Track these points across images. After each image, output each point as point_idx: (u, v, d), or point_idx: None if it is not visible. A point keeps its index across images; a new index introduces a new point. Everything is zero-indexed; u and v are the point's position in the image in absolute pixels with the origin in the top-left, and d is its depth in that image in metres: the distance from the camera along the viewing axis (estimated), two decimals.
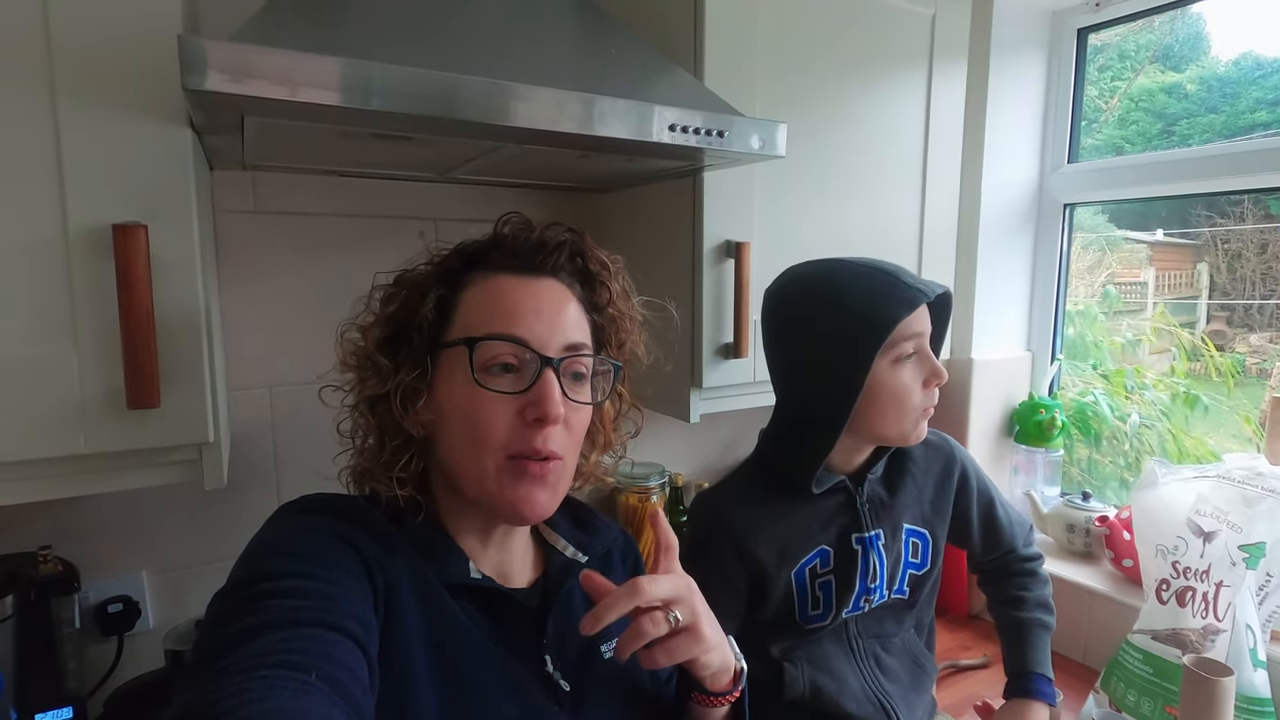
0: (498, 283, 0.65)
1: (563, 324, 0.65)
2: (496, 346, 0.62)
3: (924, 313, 0.87)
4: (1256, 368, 1.49)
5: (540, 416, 0.61)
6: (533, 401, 0.61)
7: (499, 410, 0.61)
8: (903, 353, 0.86)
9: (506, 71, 0.71)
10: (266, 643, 0.47)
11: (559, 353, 0.64)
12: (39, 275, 0.66)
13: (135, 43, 0.67)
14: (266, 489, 1.12)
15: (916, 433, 0.90)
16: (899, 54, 1.23)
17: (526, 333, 0.62)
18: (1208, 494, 1.14)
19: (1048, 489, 1.57)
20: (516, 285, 0.65)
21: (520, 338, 0.62)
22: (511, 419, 0.62)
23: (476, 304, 0.64)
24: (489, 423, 0.61)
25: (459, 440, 0.63)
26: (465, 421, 0.62)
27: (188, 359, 0.72)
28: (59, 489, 0.71)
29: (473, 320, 0.64)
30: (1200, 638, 1.07)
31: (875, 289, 0.85)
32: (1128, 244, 1.68)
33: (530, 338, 0.62)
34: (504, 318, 0.63)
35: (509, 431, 0.61)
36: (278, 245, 1.10)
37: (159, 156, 0.69)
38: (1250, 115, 1.41)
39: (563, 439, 0.63)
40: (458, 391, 0.62)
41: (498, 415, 0.61)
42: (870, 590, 0.94)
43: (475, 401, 0.61)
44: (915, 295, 0.84)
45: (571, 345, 0.65)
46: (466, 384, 0.61)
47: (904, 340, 0.85)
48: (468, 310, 0.64)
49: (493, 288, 0.65)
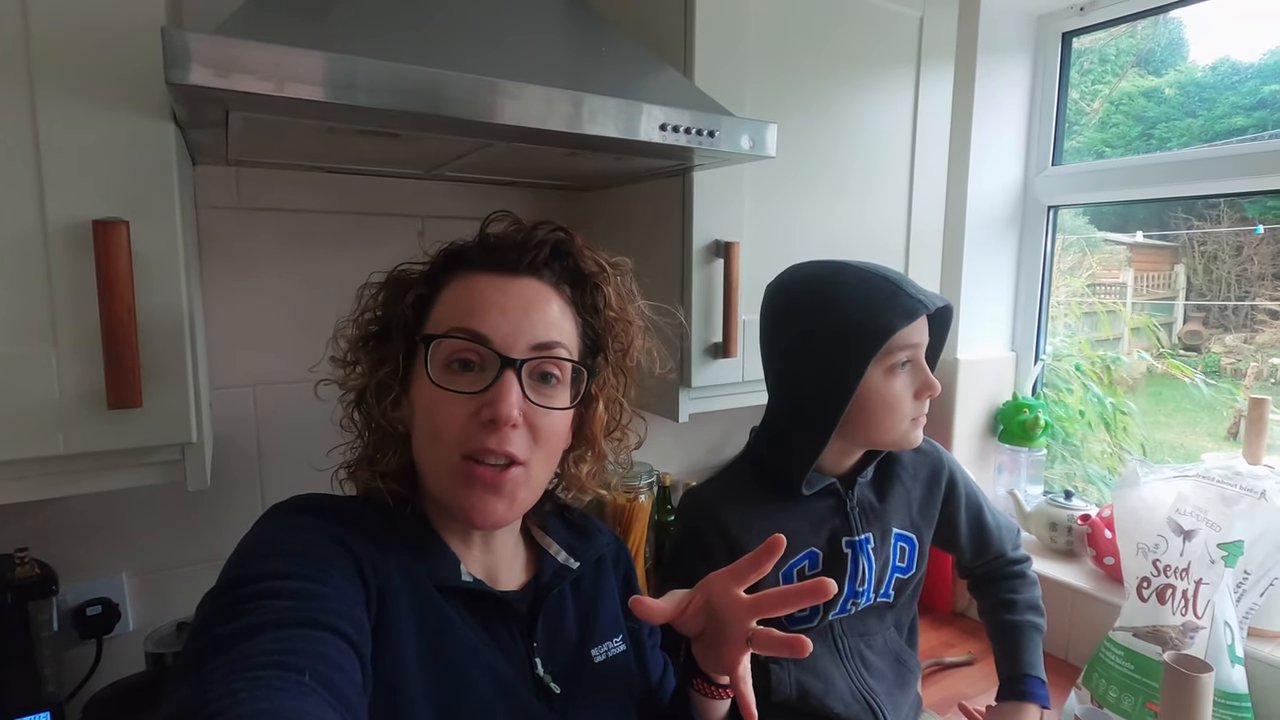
0: (473, 281, 0.64)
1: (532, 323, 0.62)
2: (454, 344, 0.61)
3: (922, 324, 0.87)
4: (1231, 368, 1.52)
5: (492, 418, 0.59)
6: (488, 402, 0.60)
7: (456, 410, 0.60)
8: (897, 361, 0.86)
9: (495, 68, 0.71)
10: (259, 643, 0.46)
11: (525, 353, 0.62)
12: (17, 272, 0.64)
13: (117, 35, 0.65)
14: (250, 489, 1.11)
15: (910, 439, 0.90)
16: (887, 56, 1.24)
17: (490, 330, 0.61)
18: (1188, 493, 1.16)
19: (1031, 488, 1.59)
20: (489, 283, 0.64)
21: (480, 334, 0.61)
22: (467, 419, 0.60)
23: (449, 302, 0.64)
24: (446, 422, 0.60)
25: (423, 439, 0.63)
26: (427, 419, 0.62)
27: (170, 357, 0.71)
28: (37, 490, 0.69)
29: (441, 318, 0.63)
30: (1180, 635, 1.09)
31: (876, 296, 0.84)
32: (1108, 245, 1.71)
33: (493, 336, 0.61)
34: (467, 314, 0.62)
35: (463, 431, 0.60)
36: (262, 242, 1.09)
37: (141, 151, 0.68)
38: (1227, 120, 1.44)
39: (524, 443, 0.61)
40: (423, 390, 0.62)
41: (454, 415, 0.60)
42: (858, 594, 0.94)
43: (434, 400, 0.61)
44: (915, 306, 0.83)
45: (541, 345, 0.63)
46: (429, 382, 0.61)
47: (899, 350, 0.85)
48: (441, 308, 0.64)
49: (467, 286, 0.64)
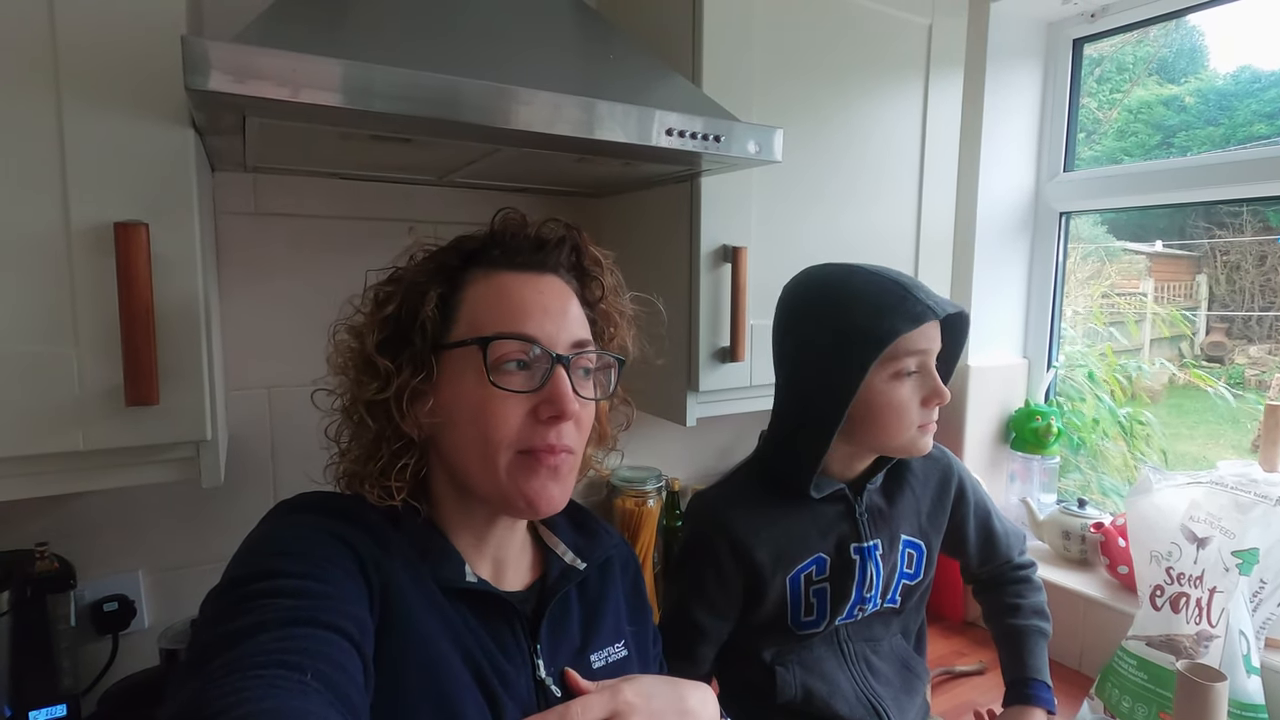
0: (501, 280, 0.65)
1: (568, 321, 0.65)
2: (508, 345, 0.62)
3: (933, 330, 0.86)
4: (1255, 379, 1.49)
5: (556, 414, 0.62)
6: (547, 399, 0.62)
7: (511, 408, 0.62)
8: (903, 368, 0.85)
9: (507, 75, 0.72)
10: (262, 642, 0.47)
11: (567, 349, 0.64)
12: (41, 272, 0.66)
13: (139, 43, 0.68)
14: (264, 489, 1.12)
15: (919, 445, 0.88)
16: (896, 63, 1.25)
17: (536, 330, 0.63)
18: (1201, 500, 1.14)
19: (1044, 496, 1.57)
20: (521, 282, 0.65)
21: (531, 335, 0.63)
22: (524, 417, 0.62)
23: (482, 303, 0.64)
24: (502, 421, 0.61)
25: (469, 440, 0.63)
26: (476, 421, 0.62)
27: (187, 357, 0.72)
28: (57, 485, 0.71)
29: (480, 319, 0.63)
30: (1194, 644, 1.07)
31: (884, 300, 0.83)
32: (1127, 255, 1.69)
33: (540, 335, 0.63)
34: (513, 316, 0.63)
35: (520, 429, 0.62)
36: (278, 247, 1.11)
37: (161, 156, 0.70)
38: (1248, 128, 1.42)
39: (574, 434, 0.65)
40: (468, 391, 0.62)
41: (511, 413, 0.62)
42: (865, 600, 0.94)
43: (488, 400, 0.61)
44: (922, 311, 0.82)
45: (578, 342, 0.66)
46: (478, 384, 0.61)
47: (906, 355, 0.84)
48: (473, 309, 0.64)
49: (497, 285, 0.65)
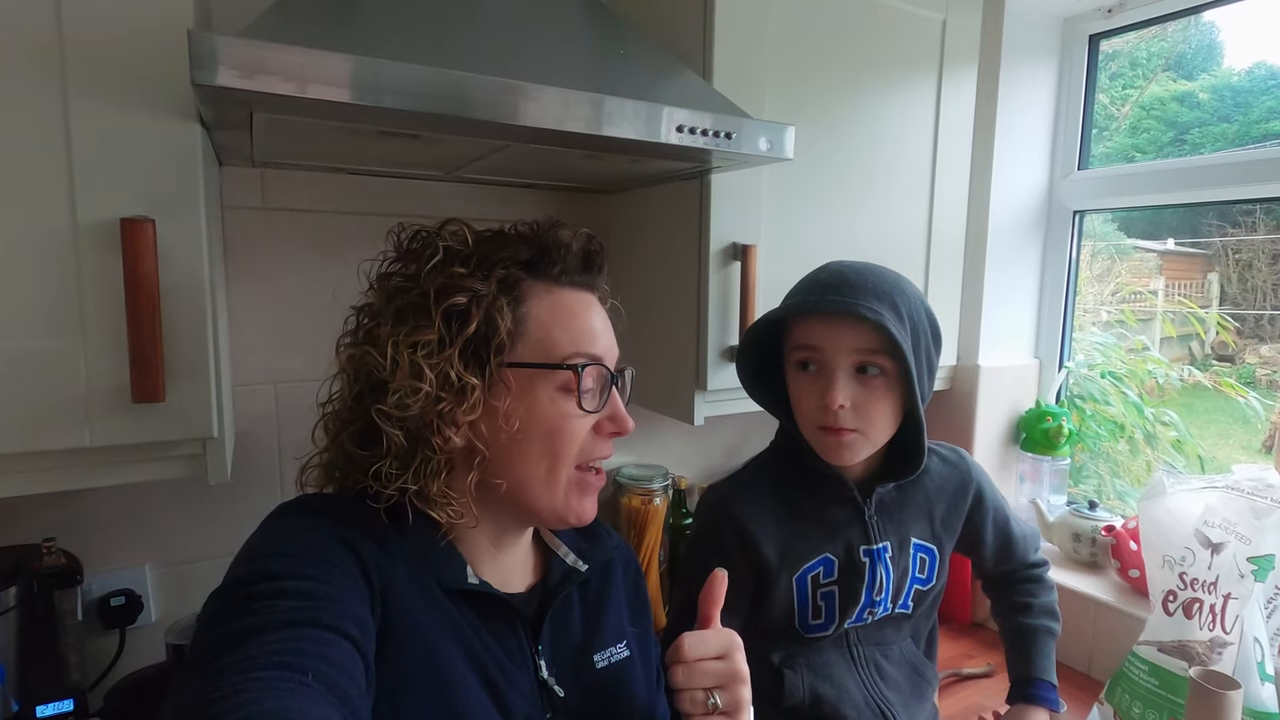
0: (563, 298, 0.65)
1: (614, 339, 0.69)
2: (594, 370, 0.65)
3: (835, 333, 0.82)
4: (1266, 379, 1.48)
5: (619, 431, 0.67)
6: (610, 417, 0.67)
7: (582, 427, 0.65)
8: (795, 358, 0.87)
9: (516, 71, 0.71)
10: (262, 643, 0.46)
11: (617, 367, 0.68)
12: (48, 268, 0.66)
13: (146, 37, 0.67)
14: (270, 485, 1.12)
15: (823, 447, 0.87)
16: (909, 59, 1.23)
17: (604, 352, 0.66)
18: (1216, 505, 1.13)
19: (1054, 497, 1.56)
20: (583, 303, 0.67)
21: (603, 358, 0.66)
22: (589, 432, 0.66)
23: (551, 321, 0.63)
24: (574, 439, 0.64)
25: (537, 455, 0.63)
26: (551, 438, 0.63)
27: (193, 354, 0.72)
28: (63, 481, 0.71)
29: (554, 339, 0.63)
30: (1207, 650, 1.06)
31: (804, 286, 0.87)
32: (1138, 253, 1.67)
33: (606, 357, 0.66)
34: (587, 338, 0.65)
35: (584, 444, 0.65)
36: (285, 242, 1.11)
37: (168, 151, 0.69)
38: (1263, 125, 1.40)
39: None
40: (541, 408, 0.63)
41: (581, 431, 0.65)
42: (875, 603, 0.93)
43: (565, 419, 0.63)
44: (804, 303, 0.83)
45: (619, 358, 0.69)
46: (551, 402, 0.63)
47: (796, 348, 0.87)
48: (541, 327, 0.63)
49: (562, 305, 0.65)
